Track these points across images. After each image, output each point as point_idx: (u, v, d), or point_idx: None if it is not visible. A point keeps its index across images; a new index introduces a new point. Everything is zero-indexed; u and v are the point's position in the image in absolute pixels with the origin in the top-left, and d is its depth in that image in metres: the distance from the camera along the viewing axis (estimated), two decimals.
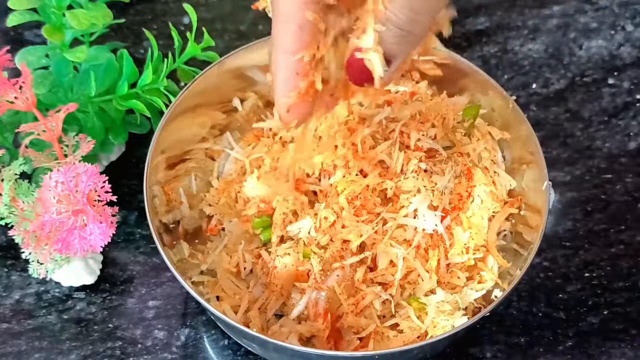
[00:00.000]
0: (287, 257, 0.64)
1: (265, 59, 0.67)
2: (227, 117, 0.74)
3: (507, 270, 0.66)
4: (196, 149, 0.72)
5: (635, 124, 0.83)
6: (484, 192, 0.66)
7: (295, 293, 0.64)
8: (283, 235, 0.66)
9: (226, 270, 0.67)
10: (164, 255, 0.60)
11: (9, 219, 0.64)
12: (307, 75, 0.49)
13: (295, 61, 0.49)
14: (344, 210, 0.63)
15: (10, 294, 0.71)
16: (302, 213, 0.66)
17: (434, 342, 0.59)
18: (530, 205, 0.66)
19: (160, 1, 0.92)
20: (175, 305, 0.71)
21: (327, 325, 0.62)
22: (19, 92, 0.64)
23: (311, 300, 0.63)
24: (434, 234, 0.64)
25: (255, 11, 0.78)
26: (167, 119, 0.67)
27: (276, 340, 0.59)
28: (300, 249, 0.65)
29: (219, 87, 0.71)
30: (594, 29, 0.90)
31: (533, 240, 0.62)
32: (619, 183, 0.79)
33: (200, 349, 0.69)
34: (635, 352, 0.69)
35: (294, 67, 0.49)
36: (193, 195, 0.71)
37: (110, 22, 0.71)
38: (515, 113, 0.67)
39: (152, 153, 0.65)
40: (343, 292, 0.63)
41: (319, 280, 0.63)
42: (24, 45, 0.75)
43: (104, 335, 0.69)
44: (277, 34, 0.49)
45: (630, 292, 0.72)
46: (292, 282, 0.65)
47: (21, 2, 0.69)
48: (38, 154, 0.66)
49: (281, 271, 0.64)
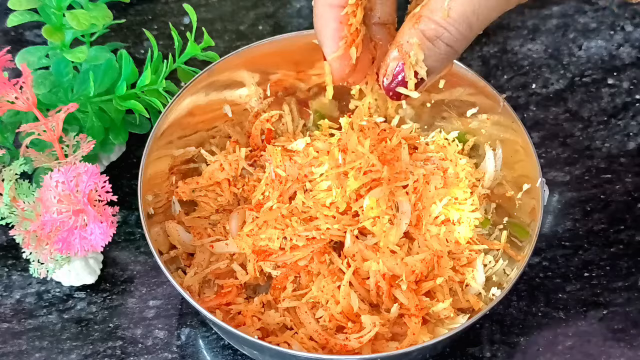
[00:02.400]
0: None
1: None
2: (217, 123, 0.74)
3: (504, 270, 0.66)
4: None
5: (634, 124, 0.83)
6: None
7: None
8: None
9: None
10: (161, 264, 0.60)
11: (10, 219, 0.64)
12: (351, 24, 0.52)
13: (340, 11, 0.52)
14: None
15: (11, 293, 0.71)
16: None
17: (434, 343, 0.59)
18: (525, 202, 0.67)
19: (161, 1, 0.92)
20: (175, 305, 0.71)
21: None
22: (20, 92, 0.64)
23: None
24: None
25: (256, 11, 0.79)
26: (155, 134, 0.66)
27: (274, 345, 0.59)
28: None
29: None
30: (594, 29, 0.90)
31: (530, 238, 0.63)
32: (618, 183, 0.79)
33: (200, 348, 0.69)
34: (634, 351, 0.69)
35: (339, 18, 0.52)
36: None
37: (110, 23, 0.71)
38: (506, 111, 0.68)
39: (145, 162, 0.65)
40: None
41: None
42: (24, 45, 0.75)
43: (105, 334, 0.69)
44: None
45: (630, 292, 0.72)
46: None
47: (21, 2, 0.69)
48: (39, 154, 0.66)
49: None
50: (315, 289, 0.63)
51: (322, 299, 0.63)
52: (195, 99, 0.69)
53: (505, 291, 0.60)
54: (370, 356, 0.60)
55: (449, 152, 0.70)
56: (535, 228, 0.62)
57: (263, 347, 0.59)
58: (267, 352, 0.60)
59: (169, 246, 0.68)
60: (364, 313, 0.63)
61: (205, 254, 0.67)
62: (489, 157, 0.70)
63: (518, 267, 0.62)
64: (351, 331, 0.62)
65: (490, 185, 0.70)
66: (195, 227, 0.69)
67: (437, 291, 0.65)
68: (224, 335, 0.67)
